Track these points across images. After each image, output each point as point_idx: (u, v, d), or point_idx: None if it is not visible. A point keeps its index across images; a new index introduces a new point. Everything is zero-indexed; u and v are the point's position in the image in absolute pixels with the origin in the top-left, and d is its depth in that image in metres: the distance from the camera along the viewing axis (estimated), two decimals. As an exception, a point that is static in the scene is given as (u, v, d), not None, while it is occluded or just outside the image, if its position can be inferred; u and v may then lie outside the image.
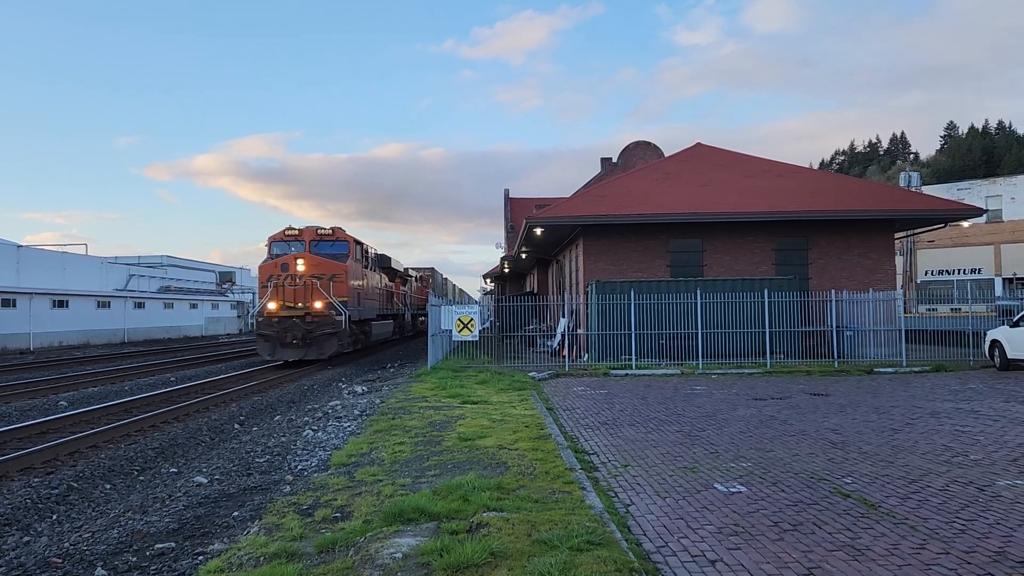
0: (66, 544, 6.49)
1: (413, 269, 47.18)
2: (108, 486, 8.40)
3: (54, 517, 7.25)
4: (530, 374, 18.94)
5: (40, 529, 6.90)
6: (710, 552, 5.36)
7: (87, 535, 6.75)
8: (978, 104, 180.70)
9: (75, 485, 8.19)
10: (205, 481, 8.66)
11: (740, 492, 7.08)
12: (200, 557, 5.72)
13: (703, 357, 20.37)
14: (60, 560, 6.04)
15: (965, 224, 41.00)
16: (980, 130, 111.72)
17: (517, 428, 10.42)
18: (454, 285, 79.33)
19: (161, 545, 6.20)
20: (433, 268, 56.04)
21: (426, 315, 49.94)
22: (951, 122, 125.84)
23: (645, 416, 12.10)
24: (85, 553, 6.21)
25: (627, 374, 19.19)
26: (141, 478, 8.91)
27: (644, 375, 19.04)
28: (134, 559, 5.93)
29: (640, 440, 9.92)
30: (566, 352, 21.49)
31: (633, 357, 20.54)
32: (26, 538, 6.64)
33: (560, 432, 10.39)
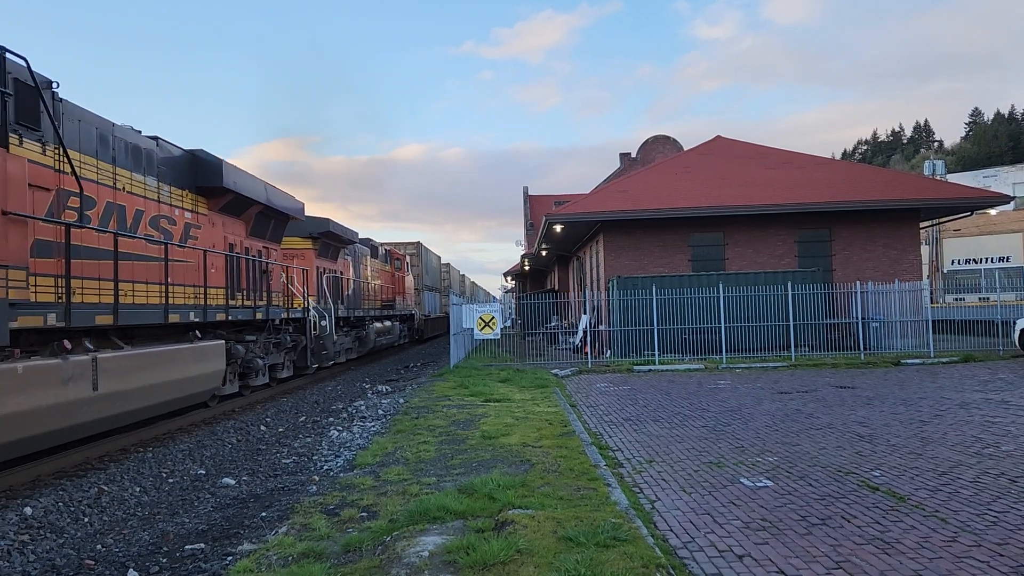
0: (98, 546, 6.59)
1: (389, 245, 32.04)
2: (138, 489, 8.51)
3: (86, 519, 7.36)
4: (552, 371, 18.93)
5: (73, 531, 7.01)
6: (737, 547, 5.33)
7: (119, 537, 6.85)
8: (1003, 91, 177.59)
9: (106, 488, 8.30)
10: (233, 483, 8.75)
11: (767, 486, 7.03)
12: (229, 558, 5.78)
13: (726, 351, 20.24)
14: (93, 562, 6.13)
15: (992, 212, 40.34)
16: (1006, 116, 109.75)
17: (540, 425, 10.42)
18: (462, 275, 60.61)
19: (191, 546, 6.27)
20: (419, 243, 37.31)
21: (397, 318, 29.46)
22: (976, 108, 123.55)
23: (669, 411, 12.05)
24: (117, 555, 6.30)
25: (650, 370, 19.11)
26: (170, 480, 9.02)
27: (667, 370, 18.95)
28: (164, 560, 6.01)
29: (664, 436, 9.88)
30: (588, 348, 21.45)
31: (656, 352, 20.45)
32: (60, 540, 6.75)
33: (584, 429, 10.38)
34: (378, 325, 26.12)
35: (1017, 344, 19.44)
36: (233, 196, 13.36)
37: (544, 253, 35.79)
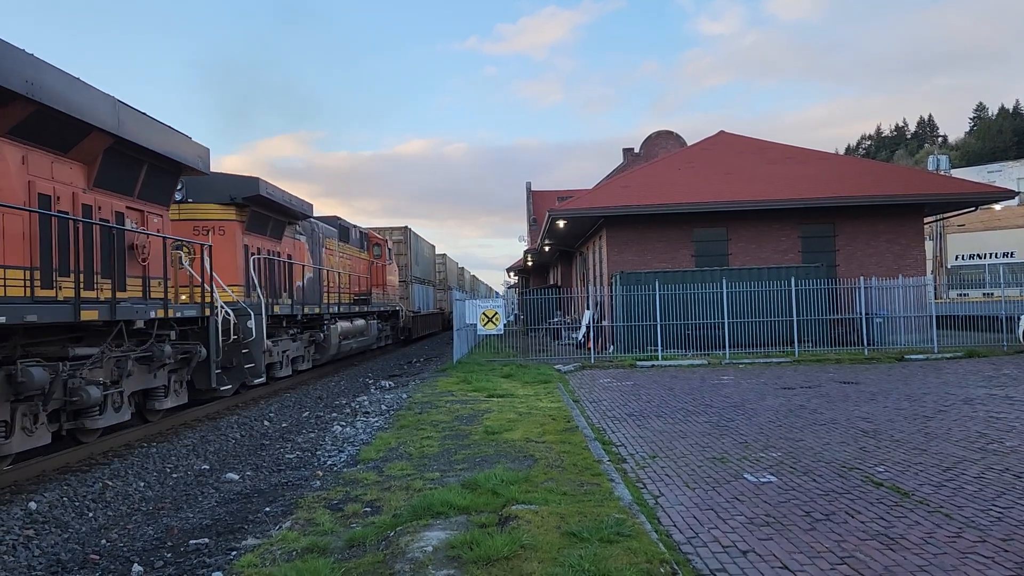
0: (103, 541, 6.61)
1: (366, 228, 26.89)
2: (142, 484, 8.53)
3: (90, 515, 7.38)
4: (556, 367, 18.93)
5: (78, 526, 7.03)
6: (741, 543, 5.33)
7: (123, 532, 6.87)
8: (1008, 86, 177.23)
9: (110, 483, 8.32)
10: (236, 477, 8.77)
11: (770, 482, 7.02)
12: (233, 553, 5.79)
13: (730, 347, 20.22)
14: (98, 557, 6.15)
15: (997, 207, 40.21)
16: (1011, 111, 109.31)
17: (544, 421, 10.42)
18: (461, 267, 57.13)
19: (195, 541, 6.28)
20: (407, 228, 32.78)
21: (374, 316, 24.61)
22: (980, 103, 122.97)
23: (672, 407, 12.04)
24: (122, 550, 6.31)
25: (653, 365, 19.11)
26: (174, 475, 9.05)
27: (670, 366, 18.95)
28: (169, 555, 6.02)
29: (668, 431, 9.88)
30: (591, 344, 21.44)
31: (659, 348, 20.45)
32: (64, 535, 6.77)
33: (587, 424, 10.38)
34: (345, 325, 20.75)
35: (1021, 340, 19.41)
36: (36, 109, 8.05)
37: (547, 249, 35.75)
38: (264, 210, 15.27)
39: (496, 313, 21.14)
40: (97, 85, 9.05)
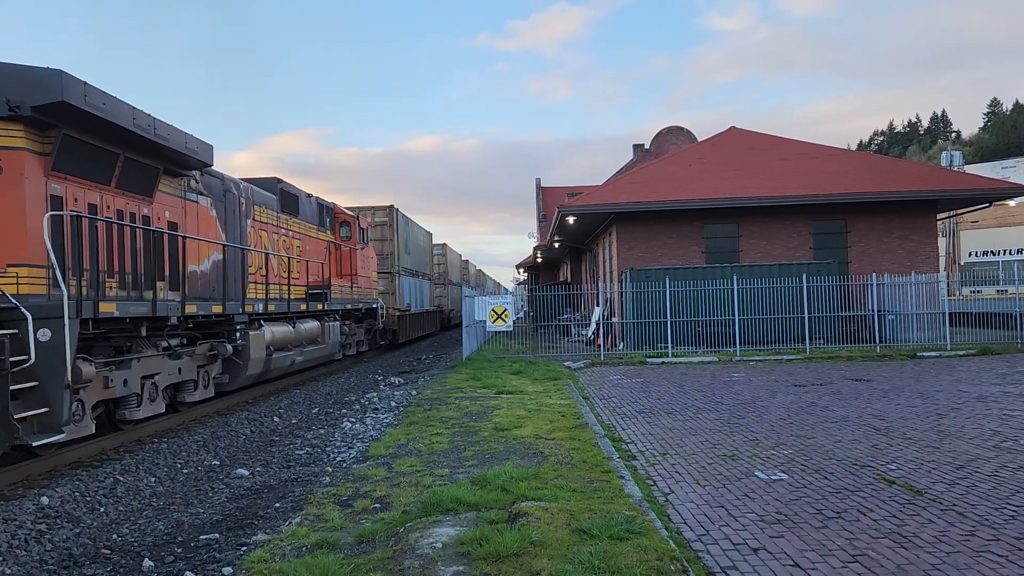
0: (114, 536, 6.64)
1: (340, 207, 20.69)
2: (153, 479, 8.57)
3: (101, 510, 7.41)
4: (565, 363, 18.90)
5: (89, 521, 7.06)
6: (752, 540, 5.30)
7: (134, 527, 6.90)
8: (1022, 81, 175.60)
9: (121, 478, 8.36)
10: (246, 473, 8.79)
11: (782, 479, 6.98)
12: (244, 548, 5.81)
13: (740, 344, 20.14)
14: (109, 551, 6.17)
15: (1011, 203, 39.88)
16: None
17: (553, 418, 10.41)
18: (465, 260, 52.98)
19: (206, 536, 6.30)
20: (394, 208, 26.89)
21: (336, 315, 19.11)
22: (994, 99, 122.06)
23: (682, 404, 12.00)
24: (133, 544, 6.34)
25: (663, 362, 19.06)
26: (185, 471, 9.08)
27: (680, 363, 18.89)
28: (180, 550, 6.05)
29: (678, 428, 9.84)
30: (601, 341, 21.40)
31: (669, 345, 20.38)
32: (76, 530, 6.80)
33: (597, 421, 10.35)
34: (281, 330, 15.08)
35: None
36: None
37: (557, 245, 35.70)
38: (97, 140, 8.96)
39: (505, 310, 21.12)
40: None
